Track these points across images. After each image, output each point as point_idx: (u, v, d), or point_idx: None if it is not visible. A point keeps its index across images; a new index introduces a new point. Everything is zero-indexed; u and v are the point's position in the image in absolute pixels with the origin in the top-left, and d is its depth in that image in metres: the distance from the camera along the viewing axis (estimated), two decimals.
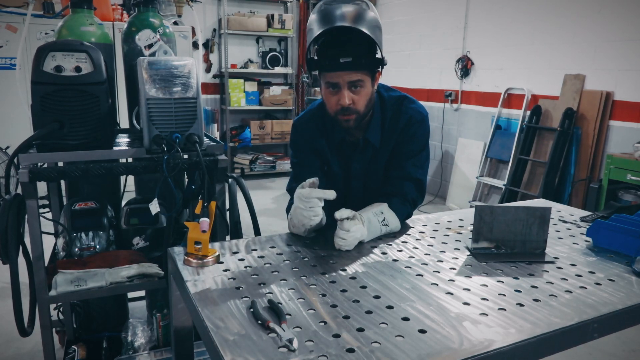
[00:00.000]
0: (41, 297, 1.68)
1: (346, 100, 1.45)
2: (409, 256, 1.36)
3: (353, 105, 1.47)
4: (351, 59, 1.41)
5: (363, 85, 1.47)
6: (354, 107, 1.48)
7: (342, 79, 1.44)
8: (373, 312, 1.03)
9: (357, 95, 1.47)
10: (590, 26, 4.02)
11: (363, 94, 1.48)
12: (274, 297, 1.10)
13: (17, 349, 2.49)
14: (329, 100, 1.50)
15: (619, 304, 1.10)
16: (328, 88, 1.48)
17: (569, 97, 4.18)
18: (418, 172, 1.61)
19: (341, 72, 1.43)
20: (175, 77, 1.70)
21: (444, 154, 5.71)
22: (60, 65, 1.62)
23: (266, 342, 0.91)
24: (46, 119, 1.61)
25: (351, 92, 1.46)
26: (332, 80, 1.45)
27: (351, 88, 1.46)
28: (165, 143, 1.68)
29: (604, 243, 1.44)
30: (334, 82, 1.46)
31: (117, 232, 1.97)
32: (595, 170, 4.07)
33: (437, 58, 5.64)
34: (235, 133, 6.58)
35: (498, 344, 0.92)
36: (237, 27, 6.32)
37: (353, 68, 1.42)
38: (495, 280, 1.21)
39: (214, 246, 1.36)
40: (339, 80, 1.44)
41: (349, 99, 1.46)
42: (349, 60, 1.41)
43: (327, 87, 1.48)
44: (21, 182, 1.57)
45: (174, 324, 1.38)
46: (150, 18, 1.99)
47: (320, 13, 1.42)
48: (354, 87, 1.46)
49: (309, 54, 1.48)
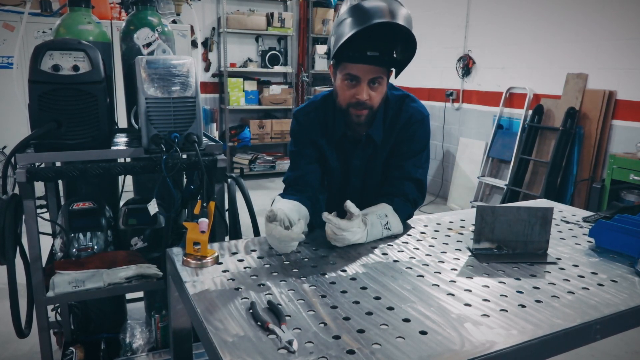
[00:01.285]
0: (39, 298, 1.67)
1: (364, 95, 1.47)
2: (410, 257, 1.35)
3: (369, 101, 1.49)
4: (378, 54, 1.42)
5: (381, 82, 1.49)
6: (370, 103, 1.49)
7: (365, 74, 1.45)
8: (373, 314, 1.03)
9: (374, 92, 1.49)
10: (593, 25, 4.01)
11: (380, 90, 1.50)
12: (274, 298, 1.09)
13: (14, 351, 2.48)
14: (344, 92, 1.50)
15: (622, 305, 1.09)
16: (346, 80, 1.48)
17: (572, 96, 4.17)
18: (418, 172, 1.62)
19: (365, 66, 1.44)
20: (174, 76, 1.70)
21: (445, 153, 5.70)
22: (57, 64, 1.61)
23: (266, 344, 0.91)
24: (44, 119, 1.60)
25: (369, 87, 1.47)
26: (354, 73, 1.46)
27: (370, 84, 1.47)
28: (163, 143, 1.67)
29: (606, 244, 1.44)
30: (354, 75, 1.46)
31: (115, 233, 1.96)
32: (598, 170, 4.05)
33: (438, 57, 5.62)
34: (235, 132, 6.57)
35: (500, 345, 0.91)
36: (236, 25, 6.31)
37: (378, 63, 1.44)
38: (497, 281, 1.21)
39: (213, 247, 1.36)
40: (361, 74, 1.45)
41: (367, 94, 1.47)
42: (376, 55, 1.42)
43: (346, 78, 1.48)
44: (18, 182, 1.57)
45: (173, 326, 1.37)
46: (149, 16, 1.98)
47: (355, 7, 1.40)
48: (373, 83, 1.47)
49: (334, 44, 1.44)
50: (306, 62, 7.07)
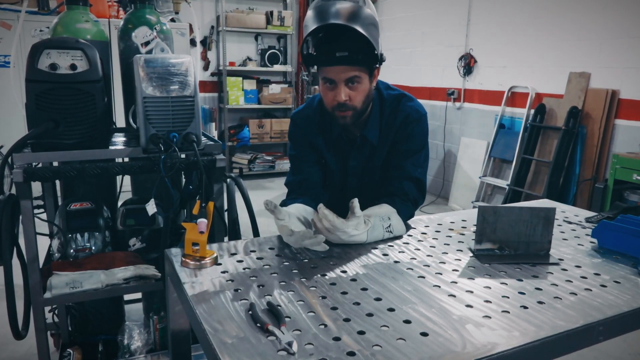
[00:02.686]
0: (36, 300, 1.67)
1: (342, 96, 1.46)
2: (411, 257, 1.35)
3: (349, 102, 1.48)
4: (347, 53, 1.41)
5: (360, 81, 1.47)
6: (351, 103, 1.48)
7: (339, 75, 1.44)
8: (374, 315, 1.02)
9: (353, 92, 1.47)
10: (596, 23, 3.99)
11: (360, 90, 1.48)
12: (273, 299, 1.09)
13: (11, 353, 2.47)
14: (326, 95, 1.51)
15: (625, 307, 1.08)
16: (325, 84, 1.49)
17: (574, 95, 4.15)
18: (417, 171, 1.61)
19: (338, 67, 1.43)
20: (172, 75, 1.70)
21: (446, 153, 5.68)
22: (55, 63, 1.61)
23: (265, 345, 0.90)
24: (41, 118, 1.60)
25: (348, 88, 1.47)
26: (329, 76, 1.46)
27: (348, 84, 1.46)
28: (162, 142, 1.67)
29: (609, 244, 1.43)
30: (330, 78, 1.46)
31: (113, 233, 1.96)
32: (601, 170, 4.03)
33: (439, 56, 5.61)
34: (234, 132, 6.56)
35: (501, 347, 0.91)
36: (235, 24, 6.30)
37: (349, 63, 1.43)
38: (499, 282, 1.20)
39: (212, 247, 1.35)
40: (335, 76, 1.45)
41: (345, 95, 1.46)
42: (345, 55, 1.41)
43: (324, 82, 1.49)
44: (15, 182, 1.57)
45: (171, 327, 1.37)
46: (147, 15, 1.97)
47: (316, 9, 1.42)
48: (351, 83, 1.46)
49: (306, 50, 1.48)
50: None
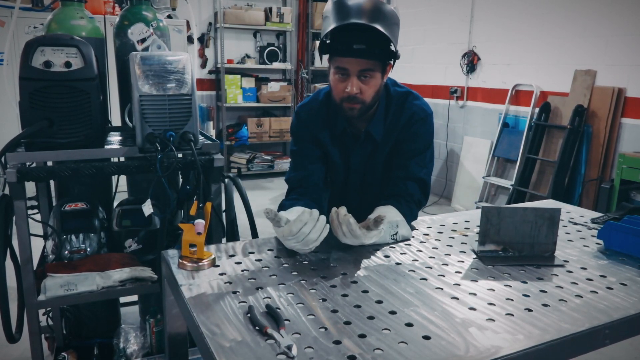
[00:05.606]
0: (30, 302, 1.67)
1: (354, 89, 1.45)
2: (413, 259, 1.34)
3: (360, 95, 1.47)
4: (365, 46, 1.41)
5: (373, 75, 1.47)
6: (361, 97, 1.48)
7: (353, 66, 1.44)
8: (375, 318, 1.01)
9: (365, 85, 1.47)
10: (602, 20, 3.98)
11: (372, 84, 1.48)
12: (272, 302, 1.08)
13: (4, 356, 2.47)
14: (337, 86, 1.50)
15: (632, 309, 1.07)
16: (337, 74, 1.48)
17: (579, 93, 4.14)
18: (422, 171, 1.60)
19: (353, 59, 1.43)
20: (169, 73, 1.69)
21: (449, 152, 5.67)
22: (49, 60, 1.61)
23: (264, 349, 0.89)
24: (35, 117, 1.60)
25: (360, 81, 1.46)
26: (342, 66, 1.45)
27: (360, 77, 1.46)
28: (158, 141, 1.66)
29: (615, 246, 1.42)
30: (343, 68, 1.45)
31: (109, 234, 1.96)
32: (607, 170, 4.02)
33: (442, 53, 5.59)
34: (232, 131, 6.55)
35: (505, 350, 0.90)
36: (233, 20, 6.27)
37: (365, 56, 1.43)
38: (503, 284, 1.19)
39: (210, 249, 1.35)
40: (350, 67, 1.44)
41: (357, 87, 1.46)
42: (363, 48, 1.41)
43: (337, 72, 1.48)
44: (9, 182, 1.56)
45: (168, 330, 1.36)
46: (143, 11, 1.98)
47: (337, 4, 1.41)
48: (364, 77, 1.46)
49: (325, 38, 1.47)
50: (306, 59, 7.04)
